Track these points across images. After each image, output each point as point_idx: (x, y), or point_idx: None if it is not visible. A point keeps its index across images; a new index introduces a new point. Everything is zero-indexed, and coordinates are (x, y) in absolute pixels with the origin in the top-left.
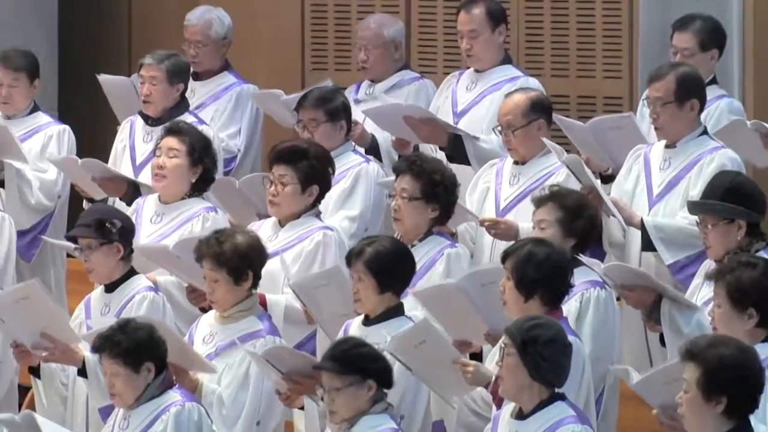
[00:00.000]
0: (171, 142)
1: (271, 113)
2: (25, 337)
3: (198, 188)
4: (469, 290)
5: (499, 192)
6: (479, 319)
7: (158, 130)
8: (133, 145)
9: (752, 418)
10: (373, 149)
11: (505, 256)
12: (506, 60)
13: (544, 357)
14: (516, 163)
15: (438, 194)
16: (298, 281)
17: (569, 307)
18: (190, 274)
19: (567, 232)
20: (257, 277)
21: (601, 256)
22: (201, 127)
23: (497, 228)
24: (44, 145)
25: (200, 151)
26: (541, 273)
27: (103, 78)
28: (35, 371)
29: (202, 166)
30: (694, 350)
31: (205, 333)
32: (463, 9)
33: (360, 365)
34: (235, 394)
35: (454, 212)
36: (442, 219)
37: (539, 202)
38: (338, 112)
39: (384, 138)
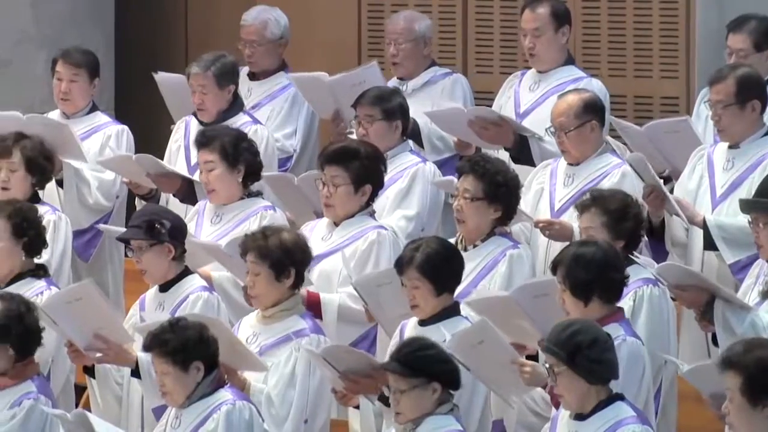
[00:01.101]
0: (204, 155)
1: (310, 100)
2: (78, 338)
3: (249, 182)
4: (521, 302)
5: (554, 193)
6: (532, 326)
7: None
8: (188, 145)
9: None
10: (414, 135)
11: (554, 267)
12: (569, 61)
13: (593, 360)
14: (570, 163)
15: (501, 195)
16: (360, 279)
17: (623, 305)
18: (242, 272)
19: (615, 235)
20: (300, 277)
21: (663, 255)
22: (255, 127)
23: (552, 229)
24: (103, 144)
25: (233, 151)
26: (592, 272)
27: (160, 76)
28: (90, 371)
29: (243, 162)
30: (732, 358)
31: (247, 334)
32: (528, 7)
33: (425, 368)
34: (283, 393)
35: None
36: (504, 220)
37: (582, 209)
38: (394, 111)
39: (425, 123)
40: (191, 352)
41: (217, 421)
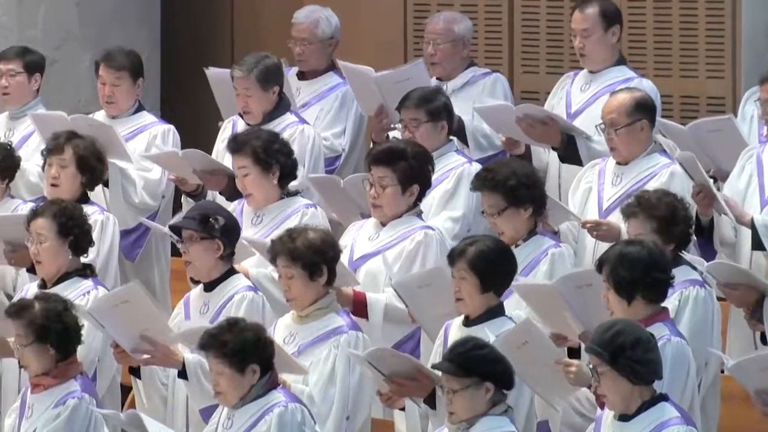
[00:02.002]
0: (237, 161)
1: (356, 93)
2: (124, 340)
3: (286, 181)
4: (563, 292)
5: (602, 192)
6: (574, 317)
7: None
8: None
9: None
10: (458, 133)
11: (600, 265)
12: (620, 61)
13: (636, 360)
14: (618, 163)
15: (522, 196)
16: (400, 281)
17: (668, 305)
18: None
19: (666, 239)
20: (332, 273)
21: (712, 254)
22: (302, 126)
23: (599, 230)
24: (149, 144)
25: (266, 154)
26: (636, 272)
27: (211, 72)
28: (135, 371)
29: (276, 164)
30: None
31: (284, 335)
32: (578, 8)
33: (478, 368)
34: (324, 391)
35: (547, 199)
36: (538, 212)
37: (629, 215)
38: (439, 112)
39: (469, 120)
40: (249, 354)
41: (269, 423)
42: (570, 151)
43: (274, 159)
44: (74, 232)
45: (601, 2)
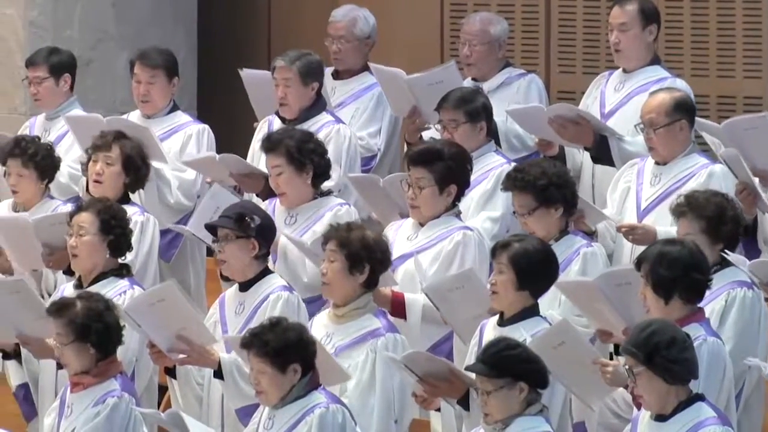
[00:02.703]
0: (271, 160)
1: (388, 94)
2: (160, 340)
3: (319, 182)
4: (604, 289)
5: (641, 192)
6: (615, 314)
7: None
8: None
9: None
10: (491, 134)
11: (639, 263)
12: (655, 61)
13: (672, 360)
14: (657, 163)
15: (552, 195)
16: (431, 285)
17: (714, 305)
18: None
19: (714, 239)
20: (374, 277)
21: (756, 254)
22: (338, 126)
23: (635, 233)
24: (183, 144)
25: (300, 154)
26: (675, 271)
27: (245, 73)
28: (171, 372)
29: (310, 164)
30: None
31: (321, 335)
32: (618, 3)
33: (511, 368)
34: (363, 400)
35: (578, 198)
36: (569, 212)
37: (679, 214)
38: (478, 112)
39: (502, 121)
40: (290, 354)
41: (310, 424)
42: (602, 151)
43: (308, 158)
44: (115, 231)
45: (641, 0)
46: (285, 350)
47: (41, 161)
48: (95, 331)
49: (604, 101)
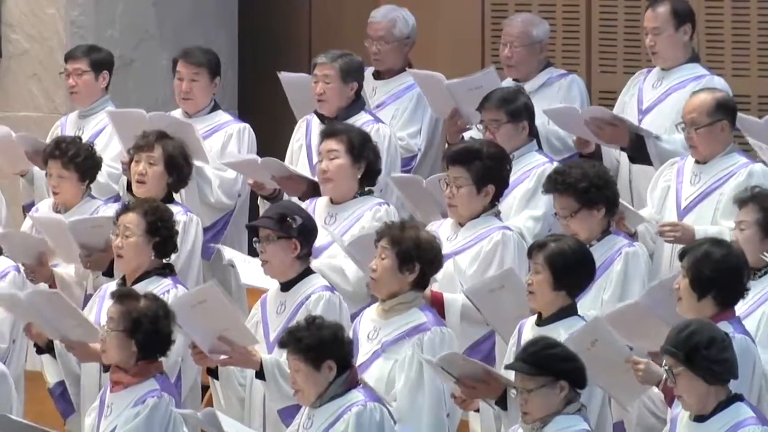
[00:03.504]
0: (329, 144)
1: (427, 96)
2: (202, 341)
3: (366, 183)
4: (651, 305)
5: (681, 191)
6: (663, 327)
7: None
8: (309, 144)
9: None
10: (532, 135)
11: (683, 254)
12: (693, 58)
13: (712, 360)
14: (697, 162)
15: (594, 197)
16: (472, 287)
17: (765, 308)
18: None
19: (765, 233)
20: (424, 277)
21: None
22: (377, 126)
23: (674, 231)
24: (224, 143)
25: (360, 147)
26: (716, 273)
27: (284, 75)
28: (213, 372)
29: (365, 161)
30: None
31: (368, 329)
32: (650, 6)
33: (551, 366)
34: (411, 399)
35: (619, 199)
36: (611, 212)
37: (741, 203)
38: (520, 112)
39: (542, 123)
40: (324, 350)
41: (347, 422)
42: (639, 150)
43: (366, 154)
44: (162, 233)
45: (673, 1)
46: (318, 347)
47: (82, 162)
48: (144, 330)
49: (642, 98)
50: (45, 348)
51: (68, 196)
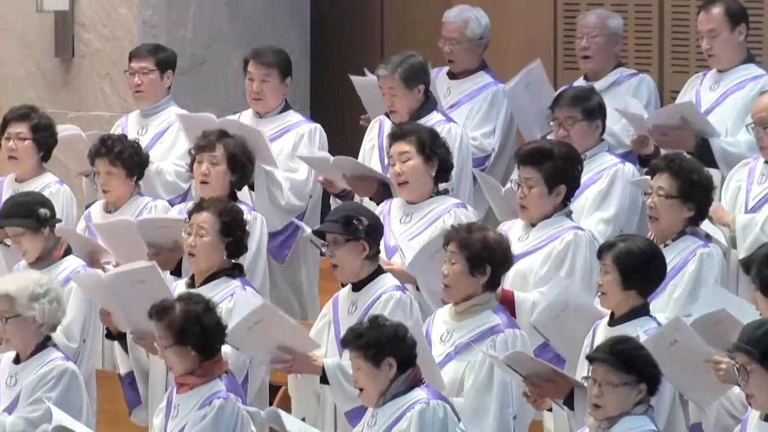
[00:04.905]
0: (400, 146)
1: (521, 123)
2: (262, 356)
3: (439, 179)
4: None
5: (750, 191)
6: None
7: None
8: (382, 145)
9: None
10: None
11: (747, 266)
12: (748, 59)
13: None
14: (766, 162)
15: (695, 194)
16: (538, 318)
17: None
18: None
19: None
20: (496, 278)
21: None
22: (449, 125)
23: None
24: (295, 144)
25: (431, 145)
26: None
27: (355, 79)
28: None
29: (437, 158)
30: None
31: (441, 331)
32: (703, 9)
33: (639, 368)
34: (479, 399)
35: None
36: (696, 219)
37: None
38: (594, 111)
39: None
40: (384, 347)
41: (410, 420)
42: (704, 153)
43: (437, 152)
44: (235, 234)
45: (726, 2)
46: (378, 344)
47: (128, 159)
48: (193, 334)
49: (700, 101)
50: (116, 335)
51: (118, 193)
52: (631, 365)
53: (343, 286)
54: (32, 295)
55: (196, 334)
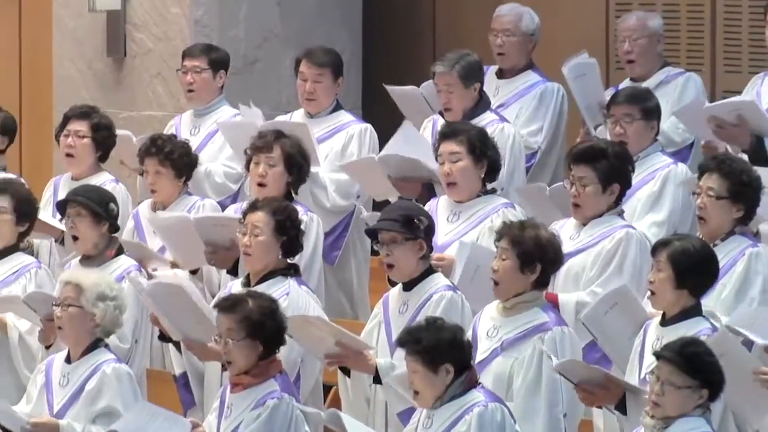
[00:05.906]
0: (450, 146)
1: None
2: (316, 351)
3: (488, 179)
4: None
5: None
6: None
7: None
8: (434, 144)
9: None
10: None
11: None
12: None
13: None
14: None
15: (744, 194)
16: (588, 314)
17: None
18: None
19: None
20: (546, 276)
21: None
22: (502, 125)
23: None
24: (345, 144)
25: (481, 147)
26: None
27: (391, 89)
28: (346, 370)
29: (487, 160)
30: None
31: (488, 327)
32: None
33: (705, 373)
34: (529, 400)
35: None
36: (745, 220)
37: None
38: (652, 111)
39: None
40: (442, 353)
41: (468, 423)
42: (760, 152)
43: (487, 152)
44: (290, 233)
45: None
46: (437, 349)
47: (178, 159)
48: (268, 328)
49: (761, 101)
50: (169, 337)
51: (165, 193)
52: (698, 370)
53: (392, 285)
54: (101, 294)
55: (271, 329)
